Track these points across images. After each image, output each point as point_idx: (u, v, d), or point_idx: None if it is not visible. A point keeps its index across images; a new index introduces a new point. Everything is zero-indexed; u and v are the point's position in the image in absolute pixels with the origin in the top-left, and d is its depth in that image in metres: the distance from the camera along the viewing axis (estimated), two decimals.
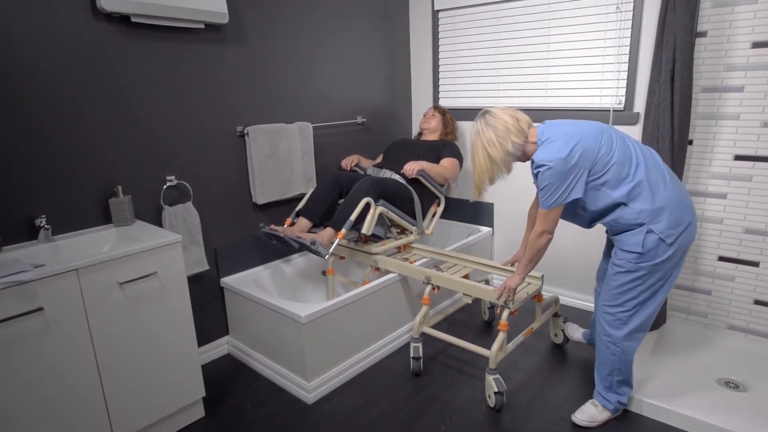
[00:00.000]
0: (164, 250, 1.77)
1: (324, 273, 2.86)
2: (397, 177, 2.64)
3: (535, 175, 1.74)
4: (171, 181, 2.19)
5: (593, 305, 2.88)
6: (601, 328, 1.84)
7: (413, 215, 2.60)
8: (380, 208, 2.38)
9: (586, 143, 1.66)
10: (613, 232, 1.77)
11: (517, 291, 1.95)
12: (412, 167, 2.56)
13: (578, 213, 1.80)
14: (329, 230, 2.35)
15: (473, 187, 1.89)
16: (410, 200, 2.56)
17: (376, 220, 2.39)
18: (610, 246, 2.05)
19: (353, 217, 2.30)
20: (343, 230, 2.30)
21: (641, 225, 1.65)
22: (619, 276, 1.72)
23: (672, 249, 1.64)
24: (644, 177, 1.65)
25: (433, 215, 2.79)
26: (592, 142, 1.66)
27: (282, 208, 2.71)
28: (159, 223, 2.18)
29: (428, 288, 2.28)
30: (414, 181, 2.63)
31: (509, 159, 1.80)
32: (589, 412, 1.92)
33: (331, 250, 2.28)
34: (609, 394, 1.90)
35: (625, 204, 1.67)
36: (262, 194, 2.51)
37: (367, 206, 2.37)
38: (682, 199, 1.67)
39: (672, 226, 1.63)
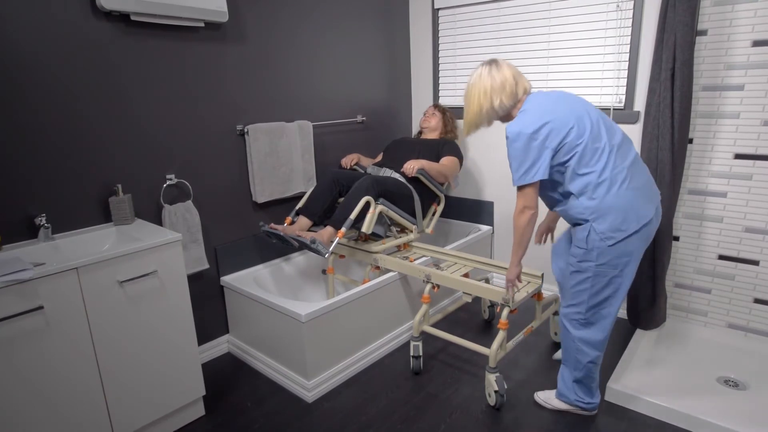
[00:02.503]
0: (164, 248, 1.77)
1: (324, 272, 2.86)
2: (397, 175, 2.64)
3: (507, 144, 1.71)
4: (171, 179, 2.19)
5: None
6: (562, 318, 1.86)
7: (413, 214, 2.60)
8: (380, 207, 2.38)
9: (556, 124, 1.62)
10: (568, 221, 1.77)
11: (519, 279, 1.91)
12: (412, 166, 2.56)
13: (545, 194, 1.78)
14: (329, 229, 2.35)
15: (464, 124, 1.84)
16: (410, 199, 2.56)
17: (376, 219, 2.39)
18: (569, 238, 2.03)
19: (353, 215, 2.30)
20: (343, 229, 2.30)
21: (586, 221, 1.65)
22: (573, 276, 1.75)
23: (612, 253, 1.62)
24: (603, 173, 1.61)
25: (433, 214, 2.79)
26: (562, 125, 1.62)
27: (282, 206, 2.71)
28: (159, 221, 2.18)
29: (428, 286, 2.28)
30: (414, 180, 2.63)
31: (492, 114, 1.77)
32: (548, 394, 2.03)
33: (331, 249, 2.28)
34: (563, 386, 1.95)
35: (575, 195, 1.66)
36: (262, 193, 2.51)
37: (367, 205, 2.37)
38: (634, 208, 1.62)
39: (613, 229, 1.61)
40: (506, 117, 1.81)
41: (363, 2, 2.94)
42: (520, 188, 1.68)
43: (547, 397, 2.03)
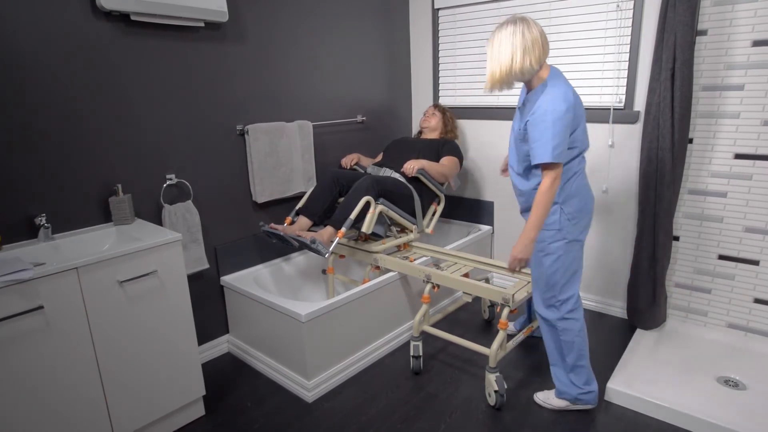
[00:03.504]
0: (164, 248, 1.77)
1: (324, 271, 2.86)
2: (397, 175, 2.64)
3: (537, 117, 1.66)
4: (171, 179, 2.19)
5: (593, 304, 2.88)
6: (539, 315, 1.94)
7: (413, 214, 2.60)
8: (380, 207, 2.38)
9: (577, 108, 1.71)
10: (527, 208, 1.87)
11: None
12: (412, 166, 2.56)
13: (529, 173, 1.82)
14: (329, 229, 2.35)
15: (489, 80, 1.73)
16: (410, 199, 2.56)
17: (376, 219, 2.39)
18: None
19: (353, 215, 2.30)
20: (343, 229, 2.30)
21: (555, 203, 1.78)
22: (544, 260, 1.84)
23: (576, 231, 1.80)
24: (579, 164, 1.78)
25: (433, 214, 2.79)
26: (579, 109, 1.72)
27: (282, 206, 2.71)
28: (159, 221, 2.18)
29: (428, 286, 2.28)
30: (414, 180, 2.63)
31: (518, 75, 1.68)
32: (547, 394, 2.05)
33: (331, 249, 2.28)
34: (561, 383, 1.98)
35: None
36: (261, 193, 2.51)
37: (367, 205, 2.37)
38: (588, 190, 1.83)
39: (578, 210, 1.79)
40: (526, 81, 1.75)
41: (363, 2, 2.94)
42: (549, 165, 1.66)
43: (546, 397, 2.04)
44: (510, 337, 2.47)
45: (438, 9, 3.15)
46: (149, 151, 2.12)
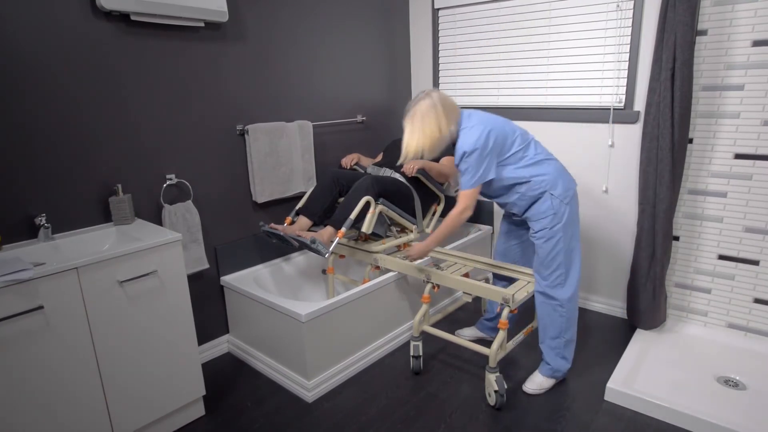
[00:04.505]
0: (164, 248, 1.77)
1: (324, 271, 2.86)
2: (397, 175, 2.64)
3: (459, 159, 1.94)
4: (171, 179, 2.19)
5: (593, 304, 2.88)
6: (545, 297, 2.05)
7: (413, 214, 2.60)
8: (380, 207, 2.38)
9: (498, 130, 1.91)
10: (522, 209, 2.04)
11: (420, 258, 2.23)
12: (412, 165, 2.56)
13: (491, 187, 2.04)
14: (329, 229, 2.35)
15: (409, 152, 1.96)
16: (410, 199, 2.56)
17: (376, 219, 2.39)
18: (508, 227, 2.31)
19: (353, 215, 2.30)
20: (343, 229, 2.30)
21: (543, 192, 1.96)
22: (544, 245, 1.98)
23: (569, 209, 1.96)
24: (539, 156, 1.98)
25: (433, 214, 2.79)
26: (501, 129, 1.92)
27: (282, 206, 2.71)
28: (159, 221, 2.18)
29: (428, 286, 2.28)
30: (414, 180, 2.63)
31: (445, 140, 1.95)
32: (538, 381, 2.13)
33: (331, 249, 2.28)
34: (558, 362, 2.10)
35: (527, 180, 1.96)
36: (262, 193, 2.51)
37: (367, 205, 2.37)
38: (566, 171, 2.01)
39: (565, 190, 1.97)
40: (446, 145, 2.00)
41: (363, 2, 2.94)
42: (467, 191, 1.96)
43: (539, 384, 2.13)
44: (511, 337, 2.47)
45: (438, 9, 3.15)
46: (149, 151, 2.12)
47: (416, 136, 1.90)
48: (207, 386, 2.24)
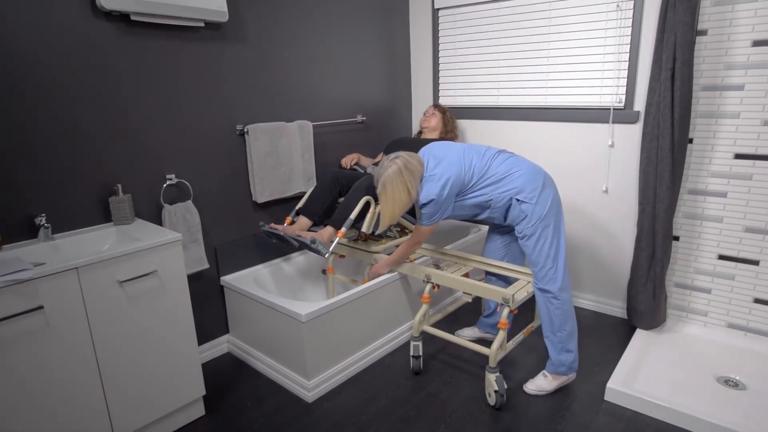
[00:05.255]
0: (164, 248, 1.77)
1: (324, 271, 2.86)
2: None
3: (420, 204, 2.07)
4: (171, 179, 2.19)
5: (593, 304, 2.88)
6: (540, 292, 2.07)
7: (413, 214, 2.60)
8: (380, 207, 2.38)
9: (455, 177, 2.01)
10: (502, 218, 2.13)
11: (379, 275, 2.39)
12: None
13: (461, 213, 2.17)
14: (329, 229, 2.35)
15: (384, 219, 2.09)
16: None
17: (377, 219, 2.39)
18: (492, 228, 2.41)
19: (353, 215, 2.30)
20: (343, 229, 2.30)
21: (510, 200, 2.04)
22: (529, 243, 2.04)
23: (541, 205, 2.00)
24: (498, 174, 2.04)
25: None
26: (458, 171, 2.02)
27: (282, 206, 2.71)
28: (159, 221, 2.18)
29: (428, 286, 2.28)
30: None
31: (413, 200, 2.06)
32: (538, 383, 2.14)
33: (331, 249, 2.28)
34: (562, 355, 2.09)
35: (489, 199, 2.06)
36: (261, 193, 2.51)
37: (367, 205, 2.37)
38: (532, 175, 2.04)
39: (530, 191, 2.01)
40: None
41: (363, 2, 2.94)
42: (423, 228, 2.11)
43: (538, 386, 2.13)
44: (511, 337, 2.47)
45: (438, 9, 3.15)
46: (149, 151, 2.12)
47: (389, 205, 2.04)
48: (207, 386, 2.24)
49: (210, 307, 2.45)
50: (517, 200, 2.02)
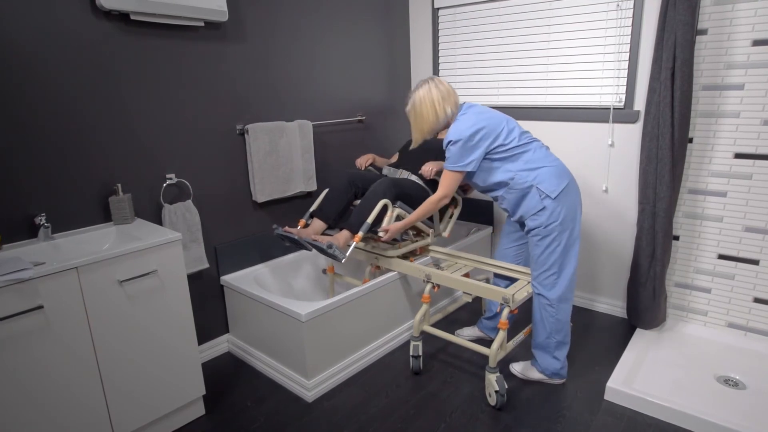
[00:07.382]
0: (164, 248, 1.77)
1: (324, 271, 2.85)
2: (414, 177, 2.55)
3: (445, 144, 2.05)
4: (171, 179, 2.19)
5: (593, 304, 2.88)
6: (537, 295, 2.08)
7: (431, 217, 2.55)
8: (398, 210, 2.31)
9: (489, 128, 1.99)
10: (513, 204, 2.08)
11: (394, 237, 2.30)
12: (430, 168, 2.45)
13: (480, 178, 2.12)
14: (345, 233, 2.28)
15: (419, 134, 2.15)
16: None
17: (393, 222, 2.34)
18: (507, 230, 2.37)
19: (371, 219, 2.23)
20: (360, 233, 2.23)
21: (531, 186, 2.00)
22: (541, 243, 2.01)
23: (561, 204, 1.97)
24: (534, 163, 2.02)
25: (450, 217, 2.70)
26: (495, 125, 2.00)
27: (282, 206, 2.71)
28: (159, 221, 2.18)
29: (428, 286, 2.28)
30: (432, 183, 2.52)
31: (443, 122, 2.09)
32: (524, 365, 2.22)
33: (348, 254, 2.21)
34: (547, 360, 2.13)
35: (511, 181, 2.03)
36: (261, 192, 2.51)
37: (384, 208, 2.30)
38: (561, 172, 2.02)
39: (554, 185, 1.98)
40: (445, 127, 2.13)
41: (363, 2, 2.93)
42: (448, 173, 2.06)
43: (524, 369, 2.20)
44: (511, 337, 2.47)
45: (438, 9, 3.15)
46: (149, 150, 2.12)
47: (418, 121, 2.08)
48: (207, 386, 2.24)
49: (210, 306, 2.45)
50: (538, 188, 1.98)
